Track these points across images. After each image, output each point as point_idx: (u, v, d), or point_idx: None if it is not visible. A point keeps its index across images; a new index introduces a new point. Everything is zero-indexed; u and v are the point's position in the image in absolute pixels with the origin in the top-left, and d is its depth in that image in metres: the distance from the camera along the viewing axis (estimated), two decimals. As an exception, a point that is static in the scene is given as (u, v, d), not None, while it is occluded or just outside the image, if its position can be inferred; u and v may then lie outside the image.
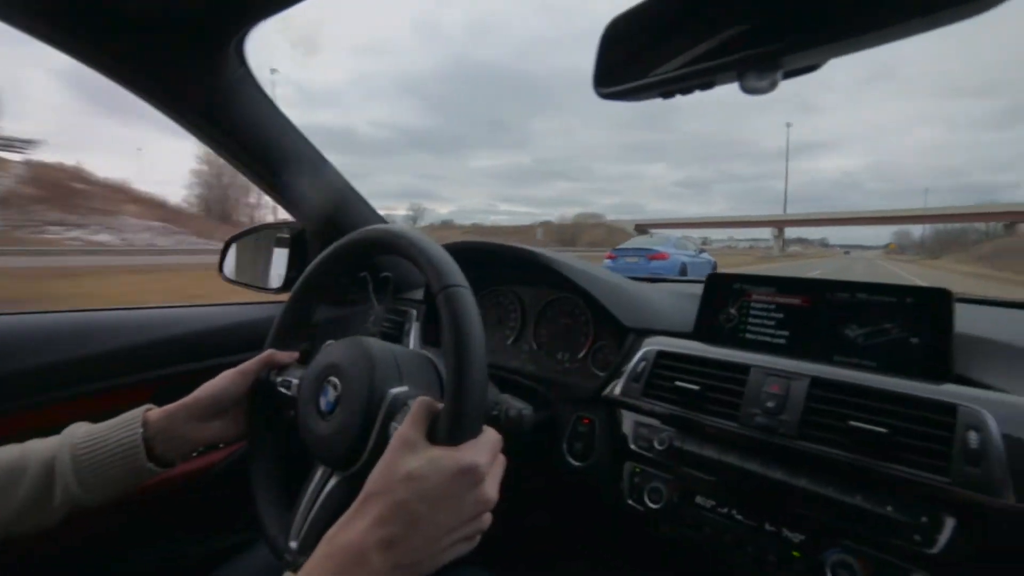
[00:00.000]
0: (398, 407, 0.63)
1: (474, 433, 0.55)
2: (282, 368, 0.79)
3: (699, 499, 0.80)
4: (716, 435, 0.79)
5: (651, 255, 10.34)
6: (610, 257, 11.03)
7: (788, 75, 0.49)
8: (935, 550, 0.61)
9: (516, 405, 0.78)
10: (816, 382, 0.74)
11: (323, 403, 0.69)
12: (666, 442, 0.82)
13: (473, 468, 0.52)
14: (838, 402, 0.72)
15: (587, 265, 1.07)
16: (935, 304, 0.76)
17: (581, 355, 1.07)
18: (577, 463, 0.96)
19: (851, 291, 0.82)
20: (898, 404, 0.68)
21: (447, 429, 0.54)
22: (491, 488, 0.54)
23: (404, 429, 0.55)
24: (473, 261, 1.22)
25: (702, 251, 12.50)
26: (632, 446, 0.88)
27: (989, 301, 1.03)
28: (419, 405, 0.57)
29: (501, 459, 0.59)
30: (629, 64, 0.56)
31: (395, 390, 0.65)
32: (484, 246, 1.14)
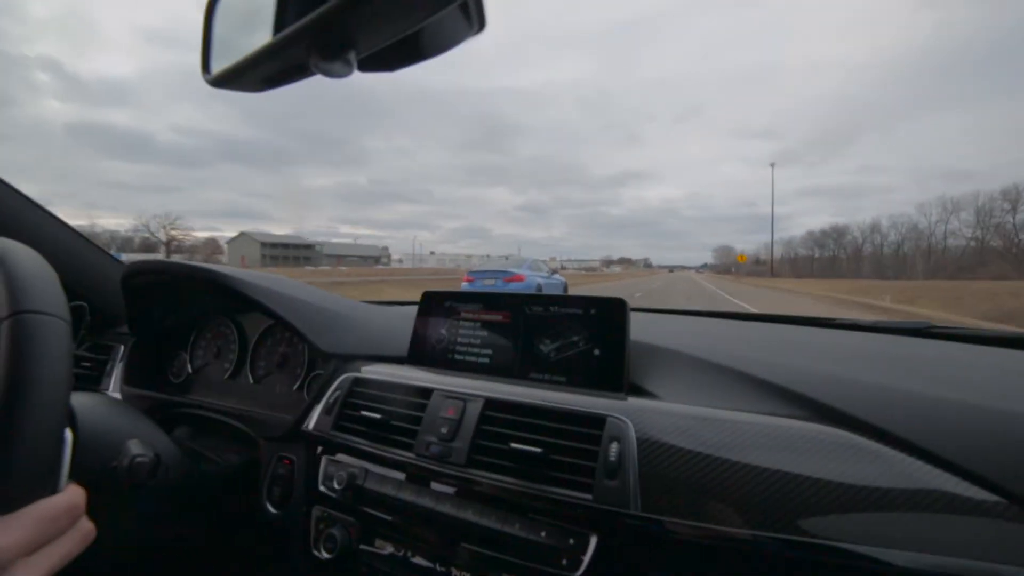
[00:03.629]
0: None
1: (11, 505, 0.41)
2: None
3: (378, 543, 0.72)
4: (395, 468, 0.72)
5: (508, 278, 10.44)
6: (467, 280, 11.03)
7: (376, 64, 0.45)
8: (578, 573, 0.57)
9: (133, 452, 0.65)
10: (489, 403, 0.70)
11: None
12: (345, 480, 0.73)
13: None
14: (507, 423, 0.68)
15: (292, 286, 0.96)
16: (612, 314, 0.75)
17: (296, 387, 0.95)
18: (275, 511, 0.83)
19: (545, 304, 0.80)
20: (558, 421, 0.65)
21: None
22: None
23: None
24: (169, 286, 1.07)
25: (554, 272, 12.99)
26: (320, 487, 0.78)
27: (682, 312, 1.09)
28: None
29: (73, 535, 0.45)
30: (229, 46, 0.50)
31: None
32: (169, 268, 0.98)
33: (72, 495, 0.46)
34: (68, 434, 0.47)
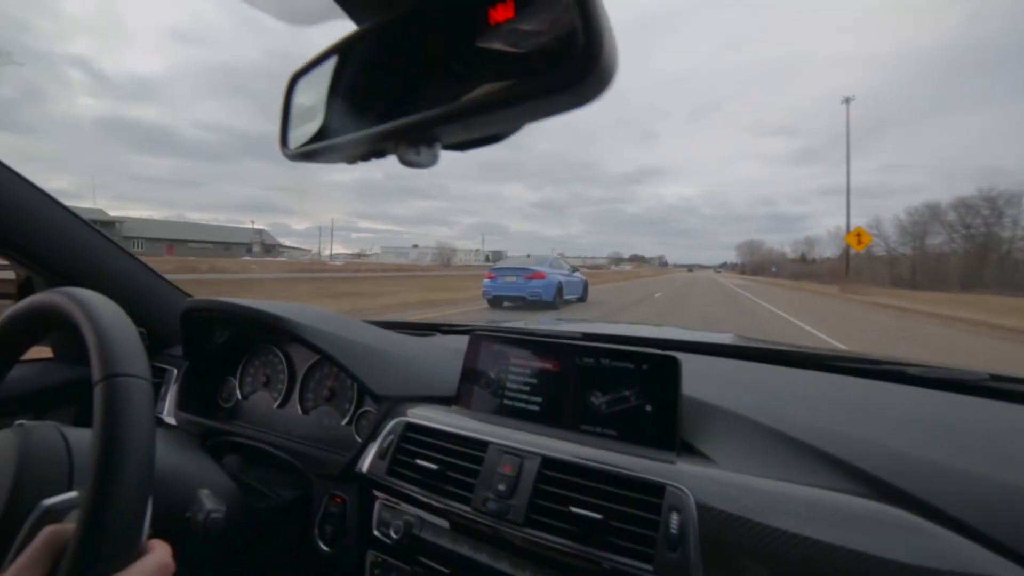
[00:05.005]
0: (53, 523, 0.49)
1: (111, 568, 0.43)
2: None
3: None
4: (452, 521, 0.73)
5: (528, 275, 10.46)
6: (489, 277, 11.06)
7: (455, 147, 0.46)
8: None
9: (207, 506, 0.67)
10: (546, 462, 0.71)
11: None
12: (401, 529, 0.75)
13: None
14: (564, 483, 0.68)
15: (345, 325, 0.98)
16: (665, 372, 0.75)
17: (345, 422, 0.97)
18: (326, 549, 0.85)
19: (596, 356, 0.81)
20: (615, 485, 0.66)
21: (67, 570, 0.42)
22: None
23: None
24: (226, 322, 1.10)
25: (575, 270, 12.95)
26: (375, 532, 0.80)
27: (730, 350, 1.08)
28: (40, 539, 0.44)
29: None
30: (310, 125, 0.51)
31: (53, 500, 0.50)
32: (226, 308, 1.00)
33: (160, 556, 0.47)
34: None
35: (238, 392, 1.13)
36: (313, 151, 0.50)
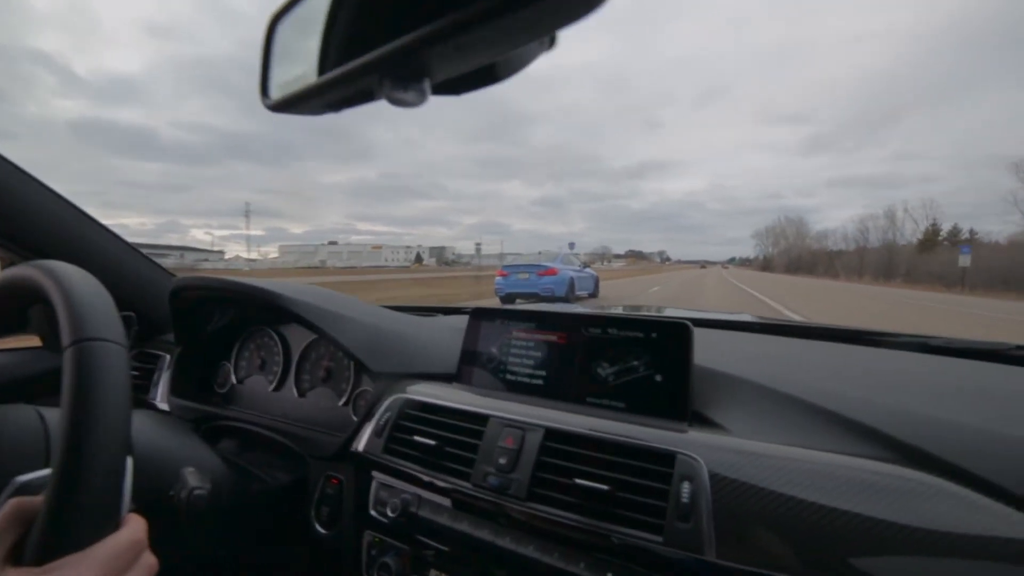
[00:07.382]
0: None
1: (80, 544, 0.41)
2: None
3: (432, 573, 0.69)
4: (452, 498, 0.69)
5: (541, 271, 10.44)
6: (501, 275, 11.01)
7: (445, 88, 0.41)
8: None
9: (190, 484, 0.64)
10: (550, 434, 0.67)
11: None
12: (399, 507, 0.71)
13: None
14: (569, 455, 0.64)
15: (338, 301, 0.94)
16: (675, 339, 0.71)
17: (342, 402, 0.94)
18: (323, 531, 0.82)
19: (603, 326, 0.76)
20: (623, 455, 0.62)
21: (35, 542, 0.40)
22: None
23: None
24: (217, 300, 1.07)
25: (586, 266, 12.91)
26: (372, 511, 0.76)
27: (742, 325, 1.03)
28: (6, 510, 0.42)
29: (138, 570, 0.44)
30: (291, 69, 0.47)
31: (27, 477, 0.48)
32: (215, 284, 0.97)
33: (134, 529, 0.45)
34: (128, 460, 0.46)
35: (233, 377, 1.10)
36: (295, 97, 0.46)
